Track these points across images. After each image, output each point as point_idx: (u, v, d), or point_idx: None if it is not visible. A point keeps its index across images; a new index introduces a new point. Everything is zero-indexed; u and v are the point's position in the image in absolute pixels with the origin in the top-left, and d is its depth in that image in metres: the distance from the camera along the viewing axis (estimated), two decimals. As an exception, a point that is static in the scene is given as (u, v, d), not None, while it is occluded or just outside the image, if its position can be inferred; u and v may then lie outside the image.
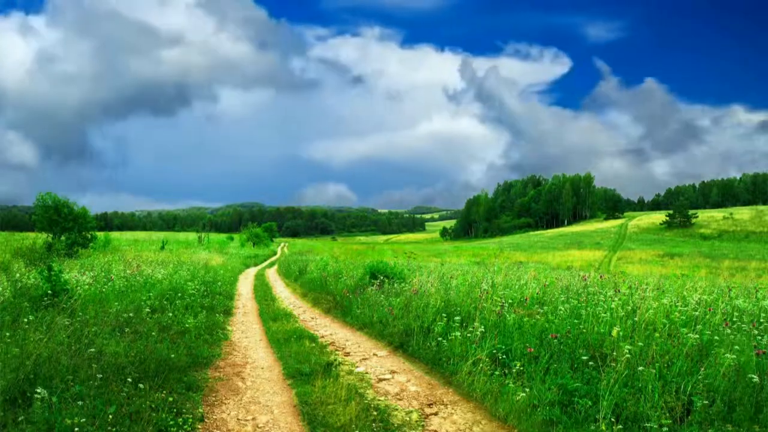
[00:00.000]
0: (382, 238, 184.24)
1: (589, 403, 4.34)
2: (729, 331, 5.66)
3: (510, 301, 7.80)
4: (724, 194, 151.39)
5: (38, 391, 4.06)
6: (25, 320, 6.04)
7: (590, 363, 5.04)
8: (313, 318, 10.78)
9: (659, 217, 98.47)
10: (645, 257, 51.47)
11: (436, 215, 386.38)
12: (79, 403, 4.09)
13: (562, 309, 6.94)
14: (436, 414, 4.93)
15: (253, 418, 4.78)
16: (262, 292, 15.32)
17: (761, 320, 6.33)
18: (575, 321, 6.18)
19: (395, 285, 10.55)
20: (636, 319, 5.85)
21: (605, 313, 6.19)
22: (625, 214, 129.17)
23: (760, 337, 5.51)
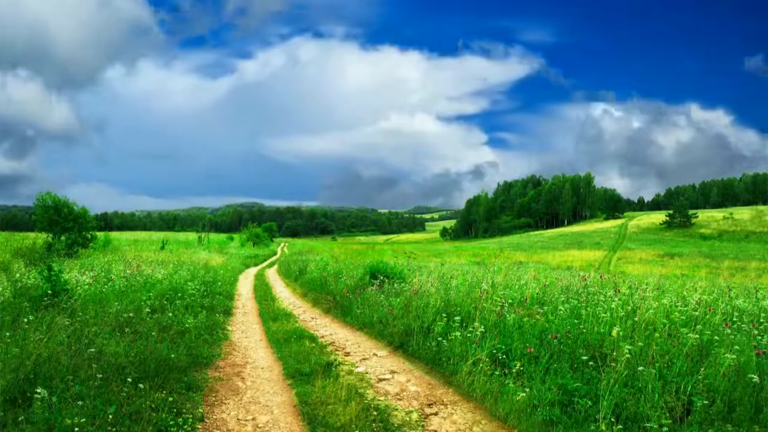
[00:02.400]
0: (382, 238, 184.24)
1: (589, 403, 4.34)
2: (729, 331, 5.66)
3: (510, 301, 7.80)
4: (724, 194, 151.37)
5: (38, 391, 4.06)
6: (25, 320, 6.03)
7: (590, 363, 5.05)
8: (313, 318, 10.78)
9: (659, 217, 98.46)
10: (645, 257, 51.50)
11: (436, 215, 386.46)
12: (79, 403, 4.09)
13: (562, 309, 6.94)
14: (436, 414, 4.93)
15: (253, 418, 4.78)
16: (262, 292, 15.31)
17: (761, 320, 6.33)
18: (575, 321, 6.18)
19: (395, 285, 10.55)
20: (636, 319, 5.85)
21: (605, 313, 6.19)
22: (625, 214, 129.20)
23: (760, 337, 5.51)
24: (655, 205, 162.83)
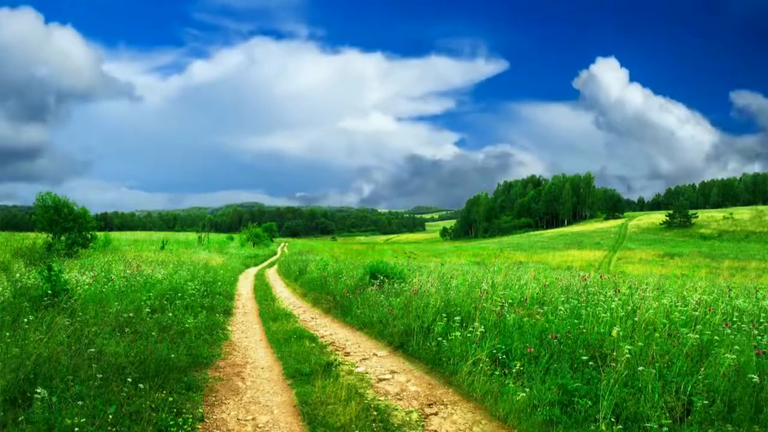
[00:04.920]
0: (382, 238, 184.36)
1: (589, 403, 4.34)
2: (729, 331, 5.66)
3: (510, 301, 7.80)
4: (724, 194, 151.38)
5: (38, 391, 4.06)
6: (25, 320, 6.04)
7: (590, 363, 5.05)
8: (313, 318, 10.78)
9: (659, 217, 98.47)
10: (645, 257, 51.51)
11: (436, 215, 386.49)
12: (79, 403, 4.09)
13: (562, 309, 6.94)
14: (436, 414, 4.93)
15: (253, 418, 4.78)
16: (262, 292, 15.31)
17: (761, 320, 6.33)
18: (575, 321, 6.18)
19: (395, 285, 10.55)
20: (636, 319, 5.85)
21: (605, 313, 6.19)
22: (625, 214, 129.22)
23: (760, 337, 5.51)
24: (655, 205, 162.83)
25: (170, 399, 4.65)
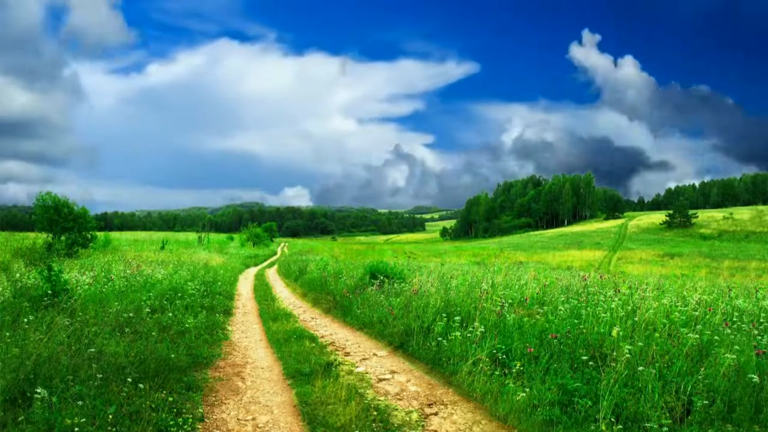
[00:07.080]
0: (382, 238, 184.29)
1: (589, 403, 4.34)
2: (729, 331, 5.66)
3: (510, 301, 7.80)
4: (724, 194, 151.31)
5: (38, 391, 4.06)
6: (25, 320, 6.04)
7: (590, 363, 5.05)
8: (313, 318, 10.78)
9: (659, 217, 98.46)
10: (645, 257, 51.49)
11: (436, 215, 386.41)
12: (79, 403, 4.09)
13: (562, 309, 6.94)
14: (436, 414, 4.93)
15: (253, 418, 4.78)
16: (262, 292, 15.31)
17: (761, 320, 6.33)
18: (575, 321, 6.18)
19: (395, 285, 10.55)
20: (636, 319, 5.85)
21: (605, 313, 6.19)
22: (625, 214, 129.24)
23: (760, 337, 5.51)
24: (655, 205, 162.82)
25: (170, 399, 4.65)
